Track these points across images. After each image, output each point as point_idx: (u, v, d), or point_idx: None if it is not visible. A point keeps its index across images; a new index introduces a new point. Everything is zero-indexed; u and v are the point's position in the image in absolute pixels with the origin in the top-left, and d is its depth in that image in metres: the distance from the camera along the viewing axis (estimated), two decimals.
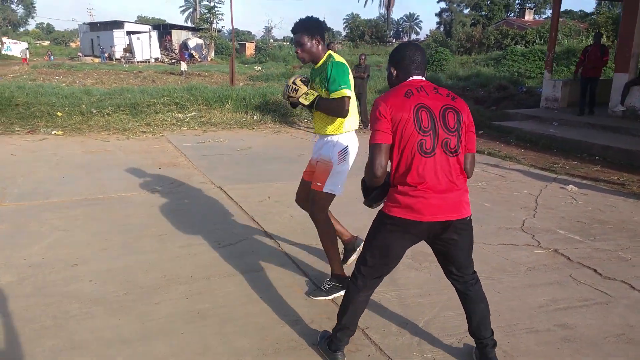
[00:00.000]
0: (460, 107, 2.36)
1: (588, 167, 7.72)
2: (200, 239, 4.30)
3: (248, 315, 3.09)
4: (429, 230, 2.37)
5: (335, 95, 3.09)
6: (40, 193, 5.47)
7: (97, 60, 40.44)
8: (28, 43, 49.04)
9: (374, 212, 2.59)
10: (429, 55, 29.39)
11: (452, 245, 2.45)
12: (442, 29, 61.75)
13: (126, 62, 38.37)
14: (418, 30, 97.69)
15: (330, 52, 3.30)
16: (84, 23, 52.74)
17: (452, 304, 3.29)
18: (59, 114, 10.34)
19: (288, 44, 62.07)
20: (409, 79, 2.42)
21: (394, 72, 2.48)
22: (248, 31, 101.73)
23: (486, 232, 4.73)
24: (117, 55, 41.31)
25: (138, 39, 41.08)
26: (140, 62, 39.63)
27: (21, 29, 69.12)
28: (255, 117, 11.46)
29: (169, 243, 4.19)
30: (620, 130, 9.55)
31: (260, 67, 33.48)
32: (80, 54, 44.89)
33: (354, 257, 3.68)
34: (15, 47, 43.77)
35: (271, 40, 69.08)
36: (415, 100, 2.31)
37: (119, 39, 42.24)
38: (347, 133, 3.29)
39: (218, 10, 49.25)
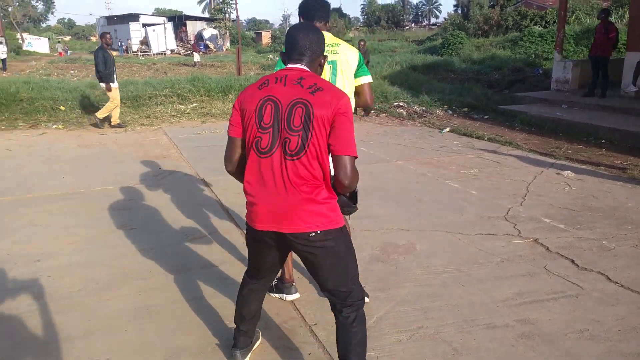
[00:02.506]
0: (317, 102, 1.96)
1: (592, 152, 7.43)
2: (170, 232, 4.27)
3: (197, 312, 3.04)
4: (269, 239, 2.13)
5: None
6: (24, 187, 5.51)
7: (115, 53, 40.75)
8: (49, 38, 49.96)
9: None
10: (444, 39, 28.83)
11: (307, 261, 2.15)
12: (459, 11, 60.50)
13: (142, 55, 38.71)
14: (437, 13, 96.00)
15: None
16: (101, 17, 53.38)
17: (410, 297, 3.21)
18: (61, 108, 10.45)
19: None
20: (286, 66, 2.13)
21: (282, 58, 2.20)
22: (266, 20, 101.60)
23: (465, 221, 4.58)
24: (134, 48, 41.69)
25: (153, 31, 41.35)
26: (156, 54, 39.90)
27: (43, 25, 70.43)
28: None
29: (138, 237, 4.16)
30: (631, 111, 9.17)
31: (273, 56, 33.34)
32: None
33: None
34: (36, 43, 44.61)
35: (288, 28, 68.66)
36: (265, 93, 2.03)
37: (135, 31, 42.62)
38: None
39: (232, 0, 48.91)
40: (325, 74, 2.87)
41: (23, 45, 43.09)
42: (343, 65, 2.90)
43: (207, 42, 42.44)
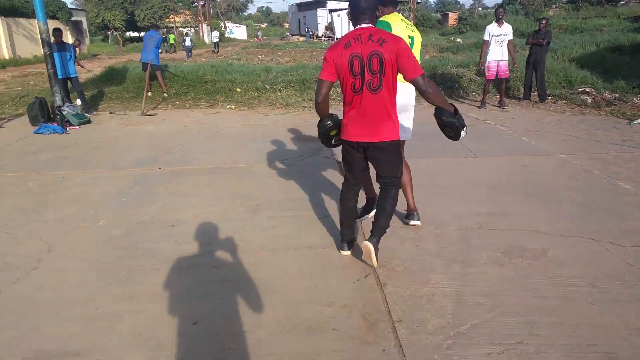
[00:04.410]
0: (385, 51, 2.94)
1: None
2: (293, 211, 4.39)
3: (288, 290, 3.08)
4: (358, 147, 3.23)
5: None
6: (185, 161, 6.19)
7: (302, 39, 43.45)
8: (247, 26, 55.24)
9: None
10: None
11: (375, 159, 3.27)
12: None
13: (326, 40, 40.42)
14: None
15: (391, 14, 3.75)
16: (293, 4, 57.03)
17: (518, 309, 2.83)
18: (237, 89, 11.47)
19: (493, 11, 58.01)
20: (355, 28, 3.11)
21: (350, 20, 3.20)
22: (456, 1, 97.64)
23: (624, 230, 3.87)
24: (320, 34, 43.75)
25: (338, 16, 42.72)
26: (340, 38, 41.31)
27: (245, 14, 78.18)
28: None
29: (262, 213, 4.38)
30: None
31: (457, 38, 31.99)
32: (288, 34, 48.80)
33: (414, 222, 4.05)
34: (237, 31, 49.70)
35: (479, 8, 64.95)
36: (351, 51, 3.01)
37: (322, 17, 44.64)
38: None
39: None
40: None
41: (225, 33, 48.35)
42: (417, 41, 3.79)
43: None
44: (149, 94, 11.32)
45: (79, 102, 10.00)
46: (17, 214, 4.44)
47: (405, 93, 3.63)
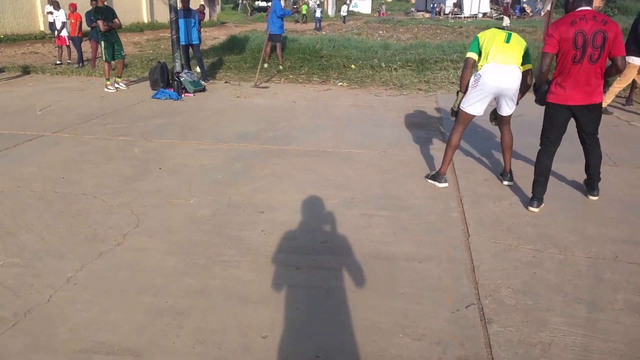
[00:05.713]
0: (608, 29, 3.59)
1: None
2: (390, 210, 3.96)
3: (372, 311, 2.68)
4: (569, 109, 3.84)
5: None
6: (286, 139, 5.95)
7: (427, 15, 41.74)
8: (372, 0, 54.20)
9: None
10: None
11: (583, 119, 3.92)
12: None
13: (453, 17, 38.40)
14: None
15: None
16: None
17: None
18: (352, 67, 11.07)
19: None
20: (577, 9, 3.70)
21: (571, 1, 3.79)
22: None
23: None
24: (447, 10, 41.72)
25: None
26: (468, 17, 39.04)
27: None
28: None
29: (356, 208, 4.00)
30: None
31: None
32: (413, 9, 47.15)
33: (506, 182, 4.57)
34: (361, 4, 48.99)
35: None
36: (577, 28, 3.62)
37: None
38: (484, 65, 4.16)
39: None
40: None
41: (349, 6, 47.87)
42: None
43: (524, 5, 39.29)
44: (266, 65, 11.32)
45: (198, 69, 10.24)
46: (117, 181, 4.49)
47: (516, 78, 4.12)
